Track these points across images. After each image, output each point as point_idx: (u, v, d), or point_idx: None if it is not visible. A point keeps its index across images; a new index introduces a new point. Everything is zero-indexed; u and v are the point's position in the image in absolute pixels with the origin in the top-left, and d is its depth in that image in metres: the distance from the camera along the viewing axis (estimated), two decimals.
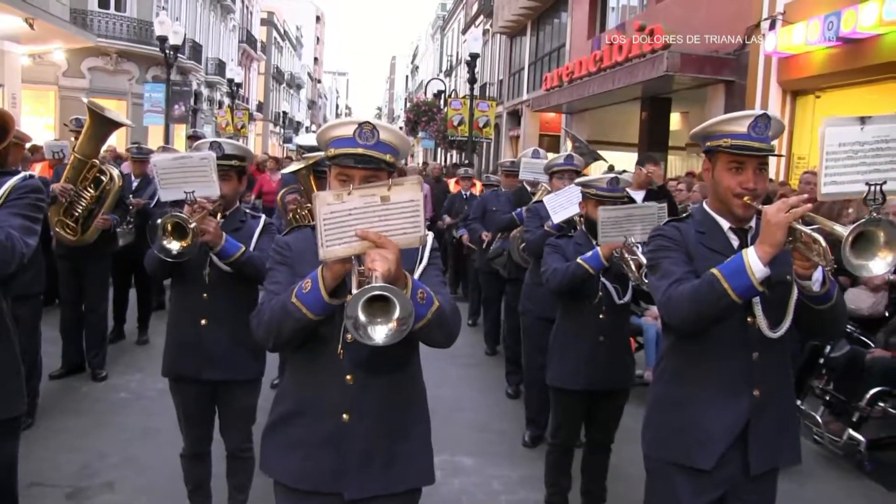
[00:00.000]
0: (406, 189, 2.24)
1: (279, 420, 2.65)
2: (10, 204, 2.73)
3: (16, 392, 2.85)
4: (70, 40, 22.22)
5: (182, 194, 3.68)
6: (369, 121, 2.47)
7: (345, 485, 2.51)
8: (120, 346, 8.03)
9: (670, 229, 2.91)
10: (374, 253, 2.17)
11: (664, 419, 2.92)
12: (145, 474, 4.99)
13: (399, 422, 2.58)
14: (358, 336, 2.10)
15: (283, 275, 2.57)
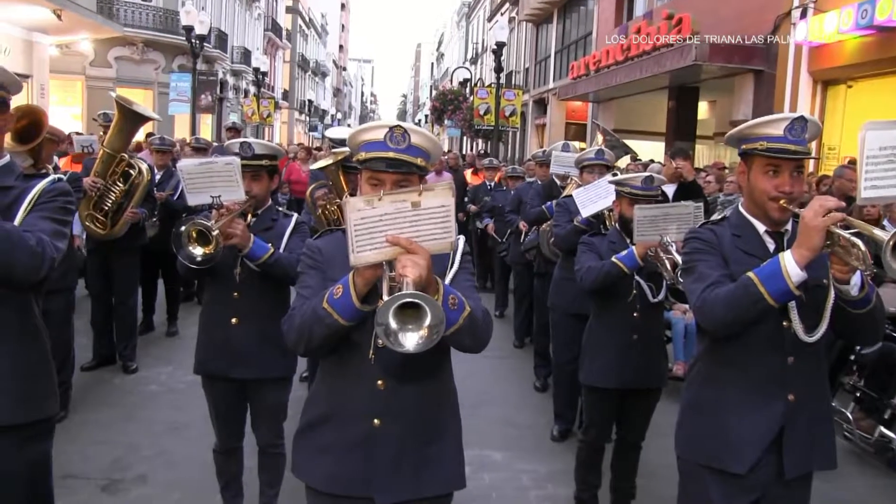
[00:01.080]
0: (437, 194, 2.22)
1: (310, 424, 2.66)
2: (39, 207, 2.71)
3: (48, 393, 2.85)
4: (97, 30, 22.36)
5: (208, 199, 3.70)
6: (400, 124, 2.46)
7: (375, 489, 2.50)
8: (149, 338, 8.10)
9: (705, 232, 2.88)
10: (405, 259, 2.16)
11: (697, 422, 2.91)
12: (177, 468, 5.04)
13: (430, 426, 2.58)
14: (389, 343, 2.09)
15: (314, 279, 2.57)
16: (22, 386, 2.71)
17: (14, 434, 2.67)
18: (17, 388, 2.69)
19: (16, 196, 2.68)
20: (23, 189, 2.70)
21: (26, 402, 2.72)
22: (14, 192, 2.69)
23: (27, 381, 2.74)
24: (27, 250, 2.48)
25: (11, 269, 2.48)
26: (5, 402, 2.65)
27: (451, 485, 2.64)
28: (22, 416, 2.70)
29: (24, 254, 2.48)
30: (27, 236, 2.50)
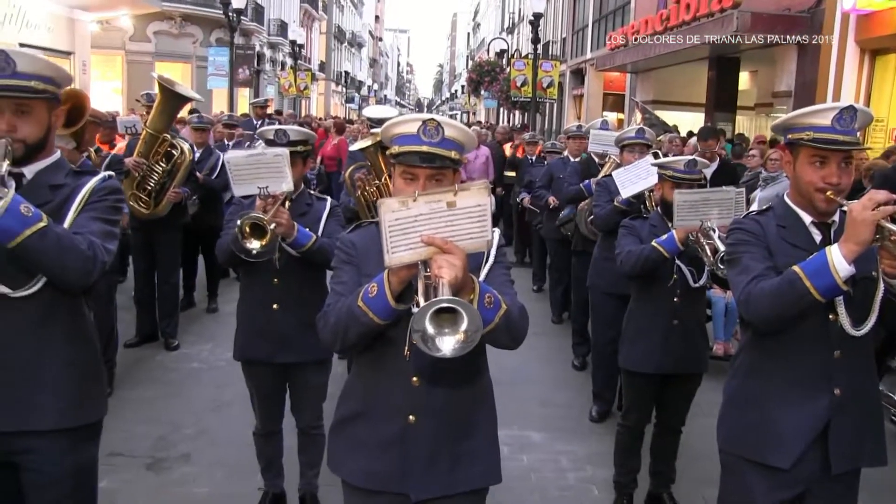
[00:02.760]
0: (472, 194, 2.20)
1: (345, 419, 2.68)
2: (90, 207, 2.70)
3: (98, 396, 2.87)
4: (136, 6, 22.57)
5: (255, 189, 3.71)
6: (434, 118, 2.44)
7: (411, 485, 2.52)
8: (190, 315, 8.21)
9: (750, 223, 2.83)
10: (440, 259, 2.14)
11: (740, 415, 2.88)
12: (219, 447, 5.12)
13: (465, 422, 2.58)
14: (426, 349, 2.08)
15: (348, 275, 2.57)
16: (73, 390, 2.72)
17: (64, 437, 2.69)
18: (69, 392, 2.70)
19: (66, 195, 2.68)
20: (73, 187, 2.71)
21: (77, 406, 2.72)
22: (65, 191, 2.69)
23: (78, 384, 2.74)
24: (79, 255, 2.50)
25: (64, 274, 2.51)
26: (57, 406, 2.66)
27: (487, 479, 2.65)
28: (73, 419, 2.71)
29: (76, 259, 2.49)
30: (78, 240, 2.51)
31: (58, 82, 2.67)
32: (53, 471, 2.67)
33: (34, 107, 2.59)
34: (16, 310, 2.57)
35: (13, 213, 2.33)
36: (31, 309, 2.59)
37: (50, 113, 2.67)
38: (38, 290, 2.57)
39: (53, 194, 2.65)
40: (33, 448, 2.63)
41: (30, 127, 2.59)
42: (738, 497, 2.89)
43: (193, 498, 4.51)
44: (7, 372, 2.58)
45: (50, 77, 2.62)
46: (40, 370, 2.64)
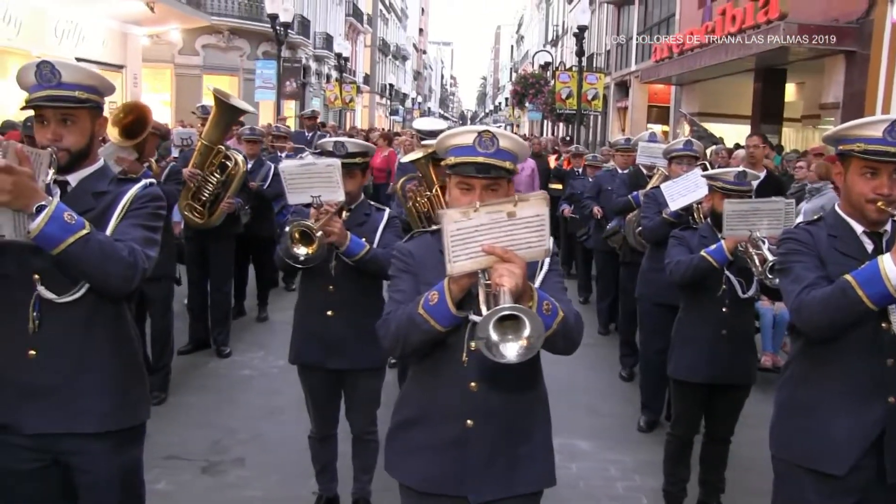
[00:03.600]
0: (532, 204, 2.25)
1: (403, 424, 2.73)
2: (131, 214, 2.75)
3: (142, 399, 2.93)
4: (186, 20, 23.02)
5: (308, 198, 3.81)
6: (489, 129, 2.50)
7: (469, 488, 2.56)
8: (241, 323, 8.35)
9: (802, 233, 2.86)
10: (501, 268, 2.19)
11: (793, 422, 2.90)
12: (273, 452, 5.23)
13: (521, 426, 2.63)
14: (490, 355, 2.12)
15: (406, 283, 2.63)
16: (117, 394, 2.79)
17: (108, 440, 2.75)
18: (112, 396, 2.77)
19: (109, 202, 2.74)
20: (116, 194, 2.76)
21: (121, 409, 2.80)
22: (107, 198, 2.75)
23: (122, 388, 2.81)
24: (121, 262, 2.55)
25: (106, 281, 2.57)
26: (101, 410, 2.73)
27: (542, 483, 2.69)
28: (117, 422, 2.78)
29: (118, 265, 2.55)
30: (120, 247, 2.56)
31: (101, 91, 2.76)
32: (100, 472, 2.75)
33: (78, 116, 2.68)
34: (61, 315, 2.65)
35: (57, 221, 2.39)
36: (75, 314, 2.67)
37: (93, 122, 2.76)
38: (82, 296, 2.64)
39: (96, 201, 2.72)
40: (80, 450, 2.71)
41: (74, 136, 2.67)
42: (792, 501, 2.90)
43: (248, 501, 4.62)
44: (53, 376, 2.66)
45: (93, 87, 2.72)
46: (85, 374, 2.71)
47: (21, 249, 2.55)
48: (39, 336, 2.62)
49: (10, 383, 2.65)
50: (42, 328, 2.62)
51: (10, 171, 2.27)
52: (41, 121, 2.64)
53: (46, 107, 2.62)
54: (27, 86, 2.64)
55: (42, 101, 2.61)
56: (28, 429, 2.64)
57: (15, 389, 2.65)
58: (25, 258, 2.57)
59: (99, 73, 2.80)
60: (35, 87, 2.61)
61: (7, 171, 2.26)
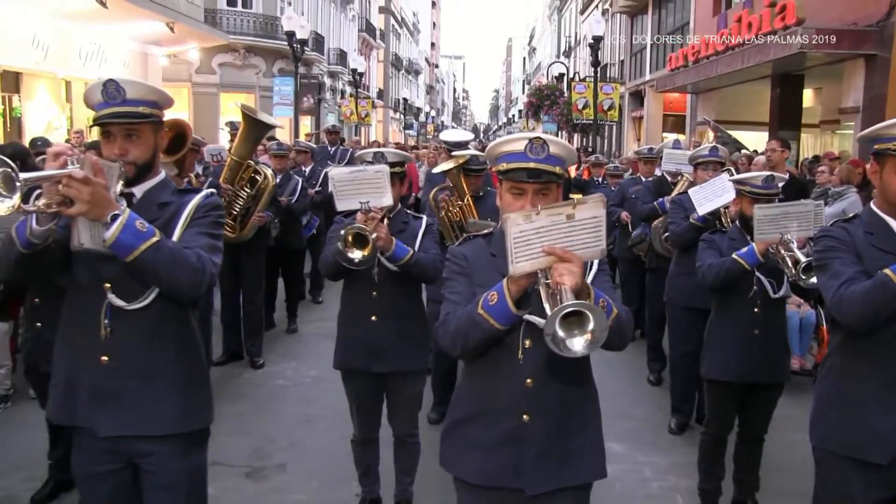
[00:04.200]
0: (590, 207, 2.36)
1: (459, 421, 2.82)
2: (195, 223, 2.83)
3: (207, 403, 3.03)
4: (204, 40, 23.31)
5: (357, 204, 3.93)
6: (539, 135, 2.61)
7: (525, 480, 2.65)
8: (271, 335, 8.47)
9: (838, 230, 2.96)
10: (561, 268, 2.29)
11: (834, 414, 2.99)
12: (312, 458, 5.36)
13: (574, 420, 2.72)
14: (558, 350, 2.22)
15: (461, 285, 2.72)
16: (184, 397, 2.87)
17: (177, 443, 2.84)
18: (180, 399, 2.85)
19: (173, 212, 2.83)
20: (179, 204, 2.85)
21: (188, 412, 2.88)
22: (171, 208, 2.83)
23: (189, 392, 2.90)
24: (190, 267, 2.64)
25: (177, 286, 2.66)
26: (170, 412, 2.82)
27: (594, 475, 2.79)
28: (184, 425, 2.87)
29: (188, 271, 2.64)
30: (188, 254, 2.66)
31: (161, 106, 2.87)
32: (168, 473, 2.84)
33: (142, 131, 2.78)
34: (131, 322, 2.74)
35: (130, 229, 2.49)
36: (144, 321, 2.76)
37: (156, 135, 2.87)
38: (150, 303, 2.74)
39: (161, 212, 2.81)
40: (150, 451, 2.81)
41: (139, 149, 2.78)
42: (836, 494, 2.99)
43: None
44: (125, 381, 2.76)
45: (155, 101, 2.83)
46: (154, 379, 2.81)
47: (93, 259, 2.66)
48: (111, 343, 2.73)
49: (86, 388, 2.77)
50: (113, 335, 2.73)
51: (87, 182, 2.38)
52: (108, 136, 2.75)
53: (113, 123, 2.72)
54: (93, 104, 2.74)
55: (108, 117, 2.71)
56: (103, 431, 2.75)
57: (90, 394, 2.76)
58: (97, 267, 2.69)
59: (159, 88, 2.91)
60: (101, 104, 2.72)
61: (85, 182, 2.37)
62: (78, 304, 2.78)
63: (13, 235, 2.55)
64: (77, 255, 2.68)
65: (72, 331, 2.83)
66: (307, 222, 9.29)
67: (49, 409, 2.89)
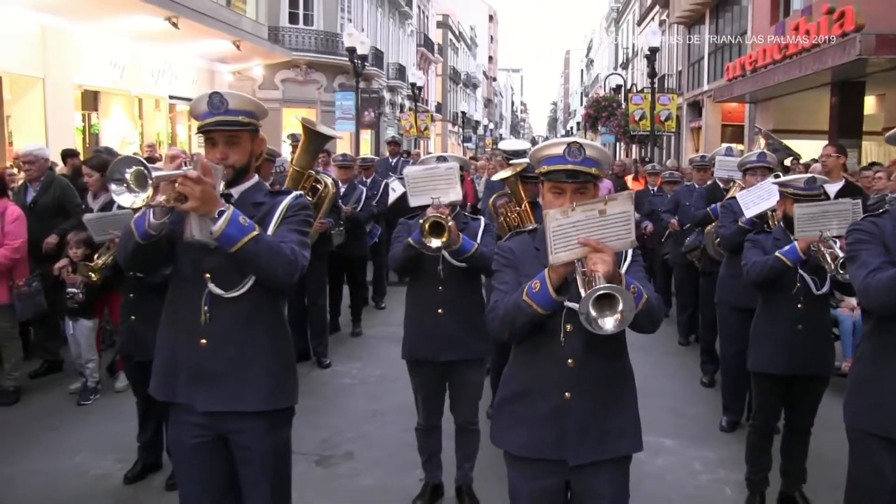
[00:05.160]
0: (620, 203, 2.65)
1: (507, 399, 3.07)
2: (287, 220, 3.09)
3: (294, 384, 3.30)
4: (268, 56, 24.07)
5: (429, 200, 4.30)
6: (577, 140, 2.89)
7: (567, 452, 2.89)
8: (337, 338, 8.87)
9: (867, 224, 3.21)
10: (595, 257, 2.57)
11: (866, 395, 3.22)
12: (377, 448, 5.70)
13: (612, 398, 2.96)
14: (591, 328, 2.51)
15: (509, 275, 2.98)
16: (275, 377, 3.13)
17: (266, 419, 3.10)
18: (271, 379, 3.12)
19: (266, 211, 3.10)
20: (272, 204, 3.13)
21: (276, 392, 3.13)
22: (265, 208, 3.11)
23: (277, 374, 3.16)
24: (285, 259, 2.92)
25: (274, 275, 2.94)
26: (262, 391, 3.08)
27: (631, 448, 3.02)
28: (273, 403, 3.12)
29: (283, 262, 2.91)
30: (283, 247, 2.93)
31: (258, 115, 3.15)
32: (258, 447, 3.10)
33: (241, 137, 3.08)
34: (227, 309, 3.02)
35: (234, 224, 2.79)
36: (239, 308, 3.03)
37: (252, 142, 3.16)
38: (246, 292, 3.01)
39: (256, 210, 3.07)
40: (242, 427, 3.07)
41: (237, 155, 3.08)
42: (868, 471, 3.21)
43: (360, 489, 5.08)
44: (221, 362, 3.03)
45: (253, 112, 3.12)
46: (247, 360, 3.07)
47: (195, 251, 3.00)
48: (210, 327, 3.02)
49: (186, 368, 3.07)
50: (212, 320, 3.02)
51: (199, 182, 2.71)
52: (211, 143, 3.08)
53: (216, 130, 3.03)
54: (198, 114, 3.08)
55: (212, 126, 3.03)
56: (200, 407, 3.05)
57: (190, 373, 3.06)
58: (198, 259, 3.02)
59: (256, 100, 3.23)
60: (206, 114, 3.03)
61: (197, 182, 2.70)
62: (181, 292, 3.11)
63: (132, 228, 2.90)
64: (182, 248, 3.02)
65: (175, 316, 3.14)
66: (369, 231, 9.68)
67: (152, 386, 3.21)
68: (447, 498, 4.88)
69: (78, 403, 6.52)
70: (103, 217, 5.31)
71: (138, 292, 4.95)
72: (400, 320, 4.82)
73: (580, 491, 2.96)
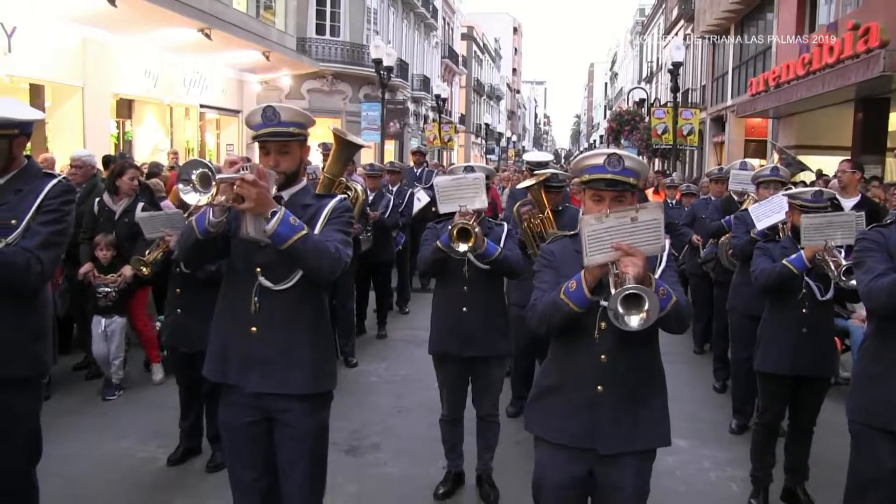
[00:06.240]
0: (650, 211, 2.90)
1: (543, 391, 3.30)
2: (332, 221, 3.34)
3: (333, 372, 3.59)
4: (296, 67, 24.53)
5: (456, 207, 4.64)
6: (616, 152, 3.15)
7: (598, 442, 3.09)
8: (363, 340, 9.21)
9: (874, 234, 3.54)
10: (626, 260, 2.79)
11: (868, 390, 3.52)
12: (403, 441, 6.03)
13: (642, 392, 3.16)
14: (617, 323, 2.73)
15: (549, 275, 3.22)
16: (316, 364, 3.40)
17: (308, 402, 3.37)
18: (313, 366, 3.39)
19: (313, 212, 3.36)
20: (318, 207, 3.39)
21: (318, 377, 3.41)
22: (311, 209, 3.37)
23: (319, 361, 3.43)
24: (330, 256, 3.17)
25: (319, 271, 3.19)
26: (304, 375, 3.35)
27: (659, 441, 3.24)
28: (315, 387, 3.40)
29: (328, 259, 3.16)
30: (329, 245, 3.18)
31: (306, 126, 3.41)
32: (299, 427, 3.36)
33: (292, 147, 3.36)
34: (276, 300, 3.30)
35: (286, 224, 3.03)
36: (286, 300, 3.30)
37: (301, 150, 3.43)
38: (293, 285, 3.28)
39: (304, 211, 3.31)
40: (287, 408, 3.34)
41: (288, 162, 3.35)
42: (868, 461, 3.51)
43: (387, 476, 5.41)
44: (270, 348, 3.31)
45: (302, 123, 3.38)
46: (292, 347, 3.33)
47: (247, 248, 3.30)
48: (260, 316, 3.31)
49: (237, 353, 3.36)
50: (261, 310, 3.30)
51: (255, 184, 2.95)
52: (264, 151, 3.38)
53: (269, 140, 3.32)
54: (253, 124, 3.37)
55: (266, 136, 3.32)
56: (249, 388, 3.33)
57: (241, 358, 3.35)
58: (250, 255, 3.31)
59: (305, 112, 3.50)
60: (260, 125, 3.32)
61: (253, 184, 2.95)
62: (234, 284, 3.40)
63: (193, 225, 3.21)
64: (235, 245, 3.33)
65: (228, 306, 3.43)
66: (395, 238, 10.01)
67: (206, 369, 3.50)
68: (468, 486, 5.19)
69: (103, 398, 6.84)
70: (155, 216, 5.68)
71: (184, 287, 5.30)
72: (423, 324, 5.14)
73: (604, 481, 3.16)
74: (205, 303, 4.62)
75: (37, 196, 3.46)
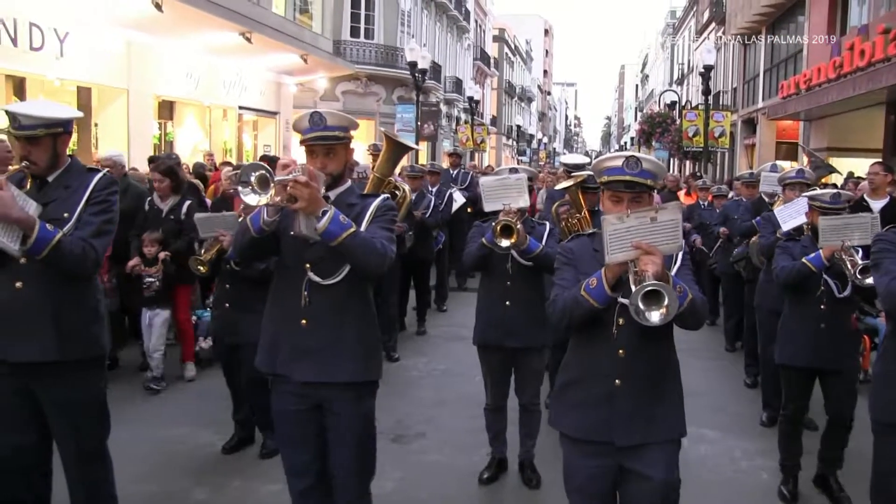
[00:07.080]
0: (669, 212, 3.05)
1: (564, 386, 3.41)
2: (377, 220, 3.49)
3: (378, 362, 3.76)
4: (332, 69, 24.85)
5: (501, 205, 4.96)
6: (634, 154, 3.31)
7: (616, 434, 3.18)
8: (403, 336, 9.53)
9: (891, 235, 3.72)
10: (646, 258, 2.89)
11: (886, 389, 3.70)
12: (446, 431, 6.36)
13: (658, 386, 3.26)
14: (638, 319, 2.84)
15: (569, 273, 3.33)
16: (362, 355, 3.56)
17: (354, 390, 3.55)
18: (360, 355, 3.55)
19: (358, 211, 3.50)
20: (363, 206, 3.54)
21: (364, 367, 3.57)
22: (357, 208, 3.52)
23: (365, 352, 3.59)
24: (377, 252, 3.34)
25: (367, 266, 3.36)
26: (352, 365, 3.52)
27: (675, 432, 3.30)
28: (361, 376, 3.57)
29: (375, 255, 3.33)
30: (375, 242, 3.34)
31: (349, 129, 3.54)
32: (347, 415, 3.53)
33: (337, 150, 3.51)
34: (324, 294, 3.46)
35: (336, 222, 3.18)
36: (334, 294, 3.46)
37: (346, 153, 3.58)
38: (340, 280, 3.44)
39: (349, 210, 3.42)
40: (334, 396, 3.51)
41: (334, 164, 3.50)
42: (890, 460, 3.68)
43: (432, 463, 5.74)
44: (319, 340, 3.48)
45: (346, 127, 3.52)
46: (340, 339, 3.50)
47: (297, 245, 3.44)
48: (309, 309, 3.48)
49: (287, 344, 3.54)
50: (311, 304, 3.48)
51: (307, 185, 3.10)
52: (312, 154, 3.51)
53: (316, 144, 3.47)
54: (301, 129, 3.51)
55: (313, 140, 3.47)
56: (298, 378, 3.52)
57: (291, 349, 3.53)
58: (300, 252, 3.46)
59: (349, 116, 3.60)
60: (307, 129, 3.47)
61: (305, 185, 3.10)
62: (285, 279, 3.58)
63: (248, 224, 3.39)
64: (286, 243, 3.54)
65: (279, 300, 3.61)
66: (435, 237, 10.31)
67: (257, 360, 3.68)
68: (511, 472, 5.49)
69: (146, 388, 7.15)
70: (211, 217, 6.03)
71: (233, 283, 5.62)
72: (461, 321, 5.43)
73: (630, 472, 3.24)
74: (251, 298, 5.08)
75: (85, 190, 3.77)
